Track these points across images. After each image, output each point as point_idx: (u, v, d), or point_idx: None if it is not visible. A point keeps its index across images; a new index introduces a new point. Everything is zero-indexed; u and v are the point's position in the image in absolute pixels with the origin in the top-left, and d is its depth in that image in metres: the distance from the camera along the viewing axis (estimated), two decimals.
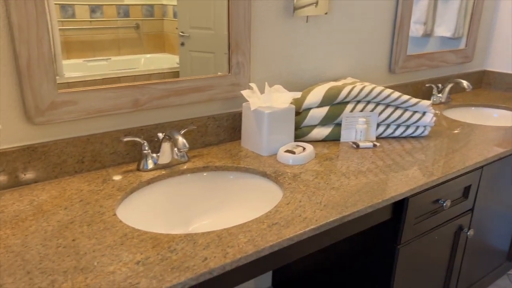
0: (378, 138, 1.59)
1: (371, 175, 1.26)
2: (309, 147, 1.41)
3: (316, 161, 1.36)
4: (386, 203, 1.13)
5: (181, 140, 1.16)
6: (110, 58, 1.18)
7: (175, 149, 1.26)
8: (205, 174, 1.29)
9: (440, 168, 1.33)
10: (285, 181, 1.20)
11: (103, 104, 1.19)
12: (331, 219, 1.01)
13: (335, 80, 1.75)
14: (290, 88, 1.63)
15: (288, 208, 1.05)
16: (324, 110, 1.51)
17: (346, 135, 1.54)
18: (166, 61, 1.29)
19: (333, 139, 1.55)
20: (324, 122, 1.52)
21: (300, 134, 1.52)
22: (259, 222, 0.99)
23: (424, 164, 1.36)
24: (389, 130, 1.58)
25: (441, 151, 1.47)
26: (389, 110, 1.56)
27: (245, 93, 1.39)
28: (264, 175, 1.27)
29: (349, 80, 1.69)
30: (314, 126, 1.53)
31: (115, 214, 1.00)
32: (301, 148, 1.39)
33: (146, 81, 1.26)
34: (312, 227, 0.98)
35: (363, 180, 1.23)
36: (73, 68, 1.13)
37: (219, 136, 1.47)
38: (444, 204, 1.36)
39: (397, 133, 1.58)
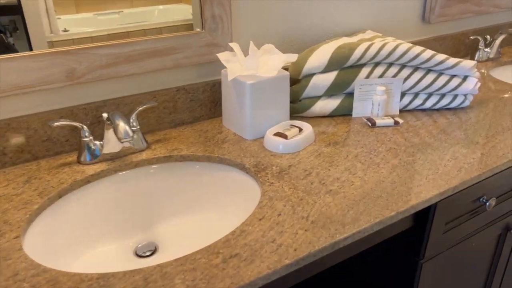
0: (403, 111, 1.23)
1: (386, 168, 0.93)
2: (307, 128, 1.08)
3: (315, 147, 1.03)
4: (402, 215, 0.80)
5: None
6: (122, 11, 1.00)
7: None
8: (165, 166, 1.00)
9: (484, 156, 0.97)
10: (267, 180, 0.89)
11: (24, 77, 0.89)
12: (318, 248, 0.70)
13: (350, 35, 1.37)
14: (288, 49, 1.28)
15: (259, 227, 0.75)
16: (331, 76, 1.16)
17: (360, 109, 1.19)
18: (181, 12, 1.04)
19: (343, 113, 1.20)
20: (331, 92, 1.17)
21: (299, 108, 1.18)
22: (212, 253, 0.69)
23: (461, 150, 1.00)
24: (418, 101, 1.21)
25: (486, 129, 1.11)
26: (418, 74, 1.19)
27: (222, 56, 1.06)
28: (242, 168, 0.96)
29: (368, 34, 1.31)
30: (318, 97, 1.19)
31: (18, 236, 0.73)
32: (296, 130, 1.06)
33: (82, 44, 0.95)
34: (288, 262, 0.67)
35: (374, 177, 0.90)
36: (82, 23, 0.95)
37: (194, 113, 1.15)
38: (488, 204, 1.02)
39: (428, 104, 1.22)
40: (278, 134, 1.04)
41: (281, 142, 1.01)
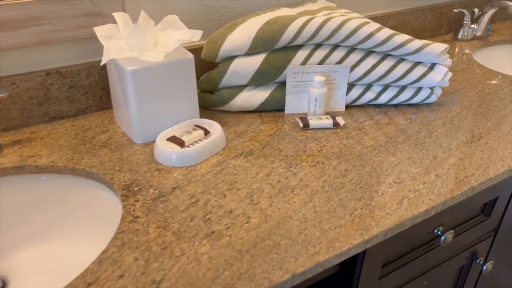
0: (351, 106, 0.97)
1: (302, 195, 0.68)
2: (216, 130, 0.82)
3: (221, 159, 0.78)
4: (303, 277, 0.56)
5: None
6: None
7: None
8: (14, 180, 0.75)
9: (439, 180, 0.73)
10: (131, 212, 0.65)
11: None
12: None
13: (295, 5, 1.08)
14: (212, 23, 1.00)
15: None
16: (257, 60, 0.89)
17: (294, 104, 0.93)
18: None
19: (275, 108, 0.94)
20: (257, 81, 0.91)
21: (217, 101, 0.92)
22: None
23: (411, 168, 0.75)
24: (370, 95, 0.95)
25: (452, 136, 0.85)
26: (371, 60, 0.92)
27: (101, 31, 0.79)
28: (112, 188, 0.72)
29: (318, 4, 1.03)
30: (241, 87, 0.92)
31: None
32: (200, 133, 0.81)
33: None
34: None
35: (280, 209, 0.65)
36: None
37: (76, 103, 0.89)
38: (443, 238, 0.78)
39: (384, 98, 0.95)
40: (173, 140, 0.78)
41: (174, 151, 0.76)
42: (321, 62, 0.91)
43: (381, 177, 0.73)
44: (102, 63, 0.73)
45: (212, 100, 0.92)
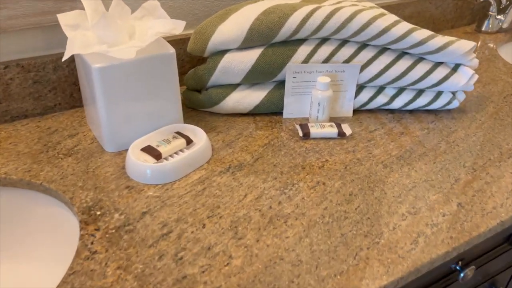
0: (360, 111, 0.85)
1: (296, 228, 0.57)
2: (201, 139, 0.71)
3: (204, 174, 0.66)
4: None
5: None
6: None
7: None
8: None
9: (463, 211, 0.61)
10: (88, 245, 0.53)
11: None
12: None
13: None
14: (196, 10, 0.87)
15: None
16: (252, 56, 0.76)
17: (294, 107, 0.81)
18: None
19: (272, 111, 0.82)
20: (252, 79, 0.78)
21: (204, 101, 0.80)
22: None
23: (429, 194, 0.63)
24: (382, 98, 0.82)
25: (476, 153, 0.73)
26: (385, 59, 0.79)
27: (64, 18, 0.66)
28: (73, 210, 0.60)
29: None
30: (233, 86, 0.80)
31: None
32: (181, 142, 0.69)
33: None
34: None
35: (270, 247, 0.54)
36: None
37: (43, 101, 0.77)
38: (462, 275, 0.66)
39: (398, 103, 0.83)
40: (148, 150, 0.67)
41: (148, 166, 0.64)
42: (327, 60, 0.78)
43: (393, 205, 0.61)
44: (64, 59, 0.61)
45: (199, 101, 0.80)
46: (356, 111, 0.84)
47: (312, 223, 0.58)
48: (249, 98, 0.80)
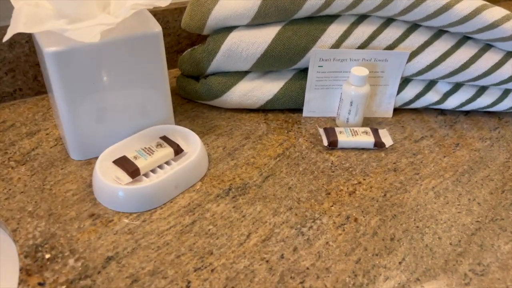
0: (401, 111, 0.66)
1: None
2: (194, 148, 0.54)
3: (197, 198, 0.50)
4: None
5: None
6: None
7: None
8: None
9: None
10: None
11: None
12: None
13: None
14: None
15: None
16: (266, 36, 0.58)
17: (318, 104, 0.63)
18: None
19: (289, 107, 0.64)
20: (265, 65, 0.60)
21: (201, 93, 0.62)
22: None
23: (501, 240, 0.46)
24: (432, 96, 0.64)
25: None
26: (442, 45, 0.60)
27: None
28: (15, 248, 0.45)
29: None
30: (240, 75, 0.62)
31: None
32: (167, 153, 0.52)
33: None
34: None
35: None
36: None
37: None
38: None
39: (452, 103, 0.64)
40: (122, 163, 0.50)
41: (119, 188, 0.48)
42: (365, 45, 0.59)
43: (450, 259, 0.45)
44: (5, 39, 0.44)
45: (195, 91, 0.63)
46: (396, 111, 0.65)
47: (340, 286, 0.41)
48: (260, 90, 0.62)
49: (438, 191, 0.52)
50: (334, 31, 0.58)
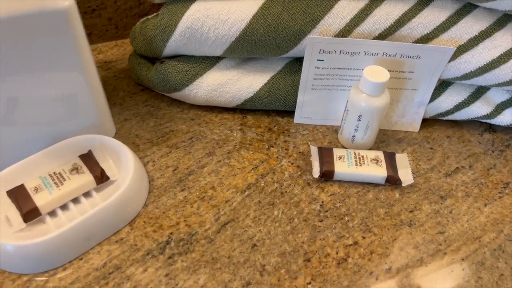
0: (430, 122, 0.48)
1: None
2: (126, 174, 0.38)
3: (113, 258, 0.35)
4: None
5: None
6: None
7: None
8: None
9: None
10: None
11: None
12: None
13: None
14: None
15: None
16: (245, 12, 0.40)
17: (313, 109, 0.45)
18: None
19: (275, 109, 0.46)
20: (241, 51, 0.42)
21: (155, 82, 0.45)
22: None
23: None
24: (480, 108, 0.45)
25: None
26: (505, 38, 0.40)
27: None
28: None
29: None
30: (209, 62, 0.44)
31: None
32: (85, 181, 0.37)
33: None
34: None
35: None
36: None
37: None
38: None
39: (508, 119, 0.45)
40: (16, 196, 0.35)
41: (5, 238, 0.33)
42: (388, 34, 0.40)
43: None
44: None
45: (148, 80, 0.46)
46: (426, 122, 0.47)
47: None
48: (236, 85, 0.44)
49: (470, 266, 0.36)
50: (345, 9, 0.39)
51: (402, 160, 0.42)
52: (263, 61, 0.45)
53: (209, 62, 0.44)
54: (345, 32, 0.40)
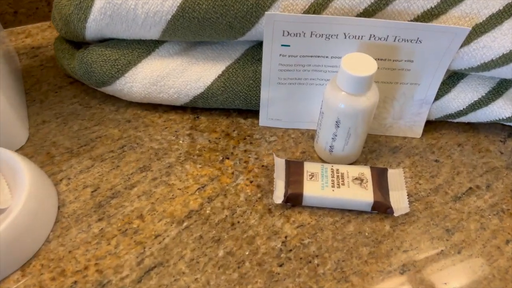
0: (438, 124, 0.37)
1: None
2: (17, 200, 0.28)
3: None
4: None
5: None
6: None
7: None
8: None
9: None
10: None
11: None
12: None
13: None
14: None
15: None
16: None
17: (284, 110, 0.35)
18: None
19: (234, 107, 0.36)
20: (181, 33, 0.32)
21: (80, 72, 0.35)
22: None
23: None
24: (501, 107, 0.34)
25: None
26: None
27: None
28: None
29: None
30: (144, 48, 0.34)
31: None
32: None
33: None
34: None
35: None
36: None
37: None
38: None
39: None
40: None
41: None
42: (377, 10, 0.29)
43: None
44: None
45: (70, 69, 0.36)
46: (430, 125, 0.36)
47: None
48: (181, 77, 0.34)
49: None
50: None
51: (396, 179, 0.32)
52: (217, 47, 0.35)
53: (145, 48, 0.34)
54: (317, 7, 0.29)
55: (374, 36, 0.29)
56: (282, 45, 0.30)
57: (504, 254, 0.29)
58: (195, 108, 0.37)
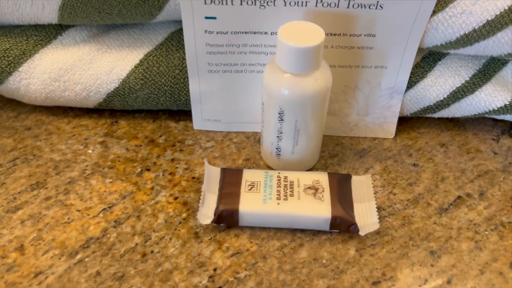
0: (417, 121, 0.30)
1: None
2: None
3: None
4: None
5: None
6: None
7: None
8: None
9: None
10: None
11: None
12: None
13: None
14: None
15: None
16: None
17: (221, 107, 0.28)
18: None
19: (165, 107, 0.29)
20: (81, 15, 0.25)
21: None
22: None
23: None
24: (490, 95, 0.27)
25: None
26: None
27: None
28: None
29: None
30: (43, 35, 0.27)
31: None
32: None
33: None
34: None
35: None
36: None
37: None
38: None
39: None
40: None
41: None
42: None
43: None
44: None
45: None
46: (406, 123, 0.30)
47: None
48: (90, 68, 0.27)
49: None
50: None
51: (363, 188, 0.24)
52: (135, 31, 0.28)
53: (44, 34, 0.27)
54: None
55: (321, 1, 0.23)
56: (206, 18, 0.23)
57: (508, 281, 0.22)
58: (114, 111, 0.30)
